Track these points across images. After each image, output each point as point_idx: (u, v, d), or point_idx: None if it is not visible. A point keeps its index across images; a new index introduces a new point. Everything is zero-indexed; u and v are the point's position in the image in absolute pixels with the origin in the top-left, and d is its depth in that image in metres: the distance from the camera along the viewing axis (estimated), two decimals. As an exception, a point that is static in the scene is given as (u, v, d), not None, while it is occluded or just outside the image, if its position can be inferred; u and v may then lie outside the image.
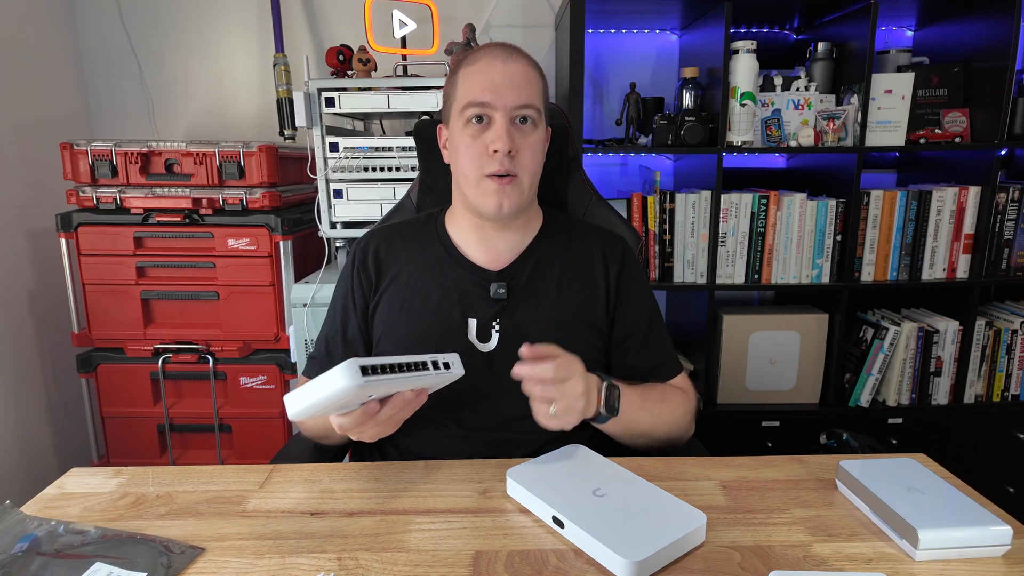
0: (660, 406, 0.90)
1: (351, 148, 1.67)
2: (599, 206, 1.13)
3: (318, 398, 0.65)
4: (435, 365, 0.72)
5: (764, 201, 1.75)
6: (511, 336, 0.90)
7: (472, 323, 0.91)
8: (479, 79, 0.86)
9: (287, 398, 0.68)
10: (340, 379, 0.62)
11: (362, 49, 1.69)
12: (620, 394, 0.83)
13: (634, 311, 0.97)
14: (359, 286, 0.95)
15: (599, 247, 0.98)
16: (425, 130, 1.09)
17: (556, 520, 0.65)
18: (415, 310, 0.92)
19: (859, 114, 1.68)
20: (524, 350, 0.76)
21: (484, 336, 0.91)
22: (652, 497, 0.68)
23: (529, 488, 0.70)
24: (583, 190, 1.14)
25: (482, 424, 0.90)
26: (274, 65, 1.85)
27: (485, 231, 0.94)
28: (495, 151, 0.85)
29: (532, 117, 0.87)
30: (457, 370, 0.75)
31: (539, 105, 0.88)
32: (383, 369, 0.65)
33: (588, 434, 0.95)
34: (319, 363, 0.98)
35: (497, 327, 0.91)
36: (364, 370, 0.63)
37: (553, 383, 0.75)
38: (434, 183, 1.11)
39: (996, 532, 0.61)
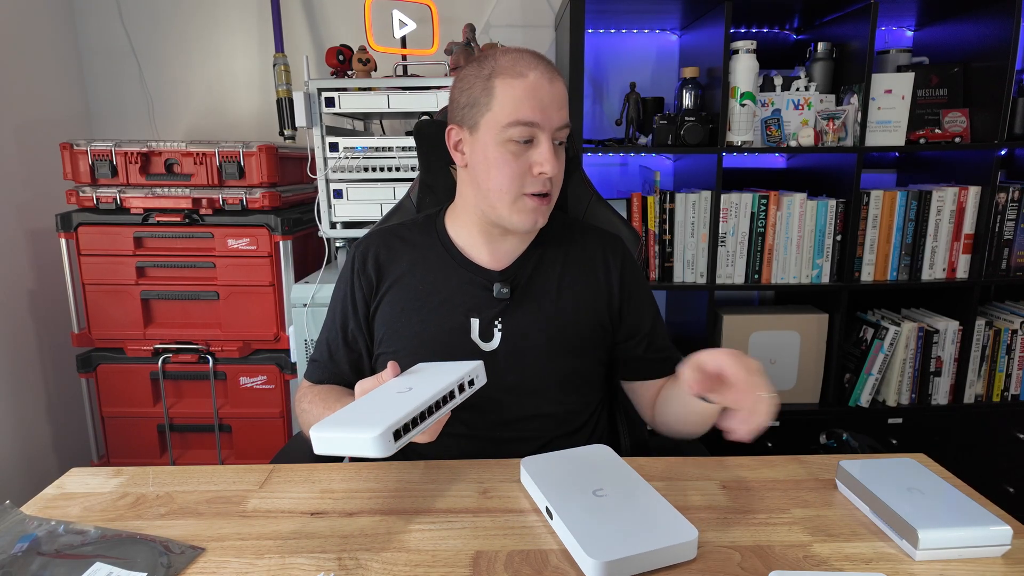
0: None
1: (351, 148, 1.67)
2: (599, 206, 1.13)
3: (348, 452, 0.64)
4: (461, 388, 0.71)
5: (764, 201, 1.75)
6: (513, 336, 0.91)
7: (475, 323, 0.91)
8: (528, 97, 0.83)
9: (314, 434, 0.65)
10: (374, 449, 0.61)
11: (362, 49, 1.69)
12: None
13: (639, 310, 0.98)
14: (359, 288, 0.95)
15: (600, 247, 0.98)
16: (425, 130, 1.08)
17: (548, 511, 0.66)
18: (417, 311, 0.92)
19: (859, 114, 1.68)
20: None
21: (487, 336, 0.91)
22: (649, 504, 0.67)
23: (535, 478, 0.71)
24: (583, 190, 1.14)
25: (485, 423, 0.90)
26: (274, 65, 1.85)
27: (492, 235, 0.94)
28: (540, 173, 0.85)
29: (564, 139, 0.89)
30: (481, 380, 0.74)
31: (570, 124, 0.89)
32: (414, 423, 0.65)
33: (587, 433, 0.95)
34: (321, 366, 0.98)
35: (500, 327, 0.91)
36: (397, 434, 0.62)
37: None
38: (434, 183, 1.11)
39: (996, 532, 0.61)
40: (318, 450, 0.66)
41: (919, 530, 0.60)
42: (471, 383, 0.72)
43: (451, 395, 0.70)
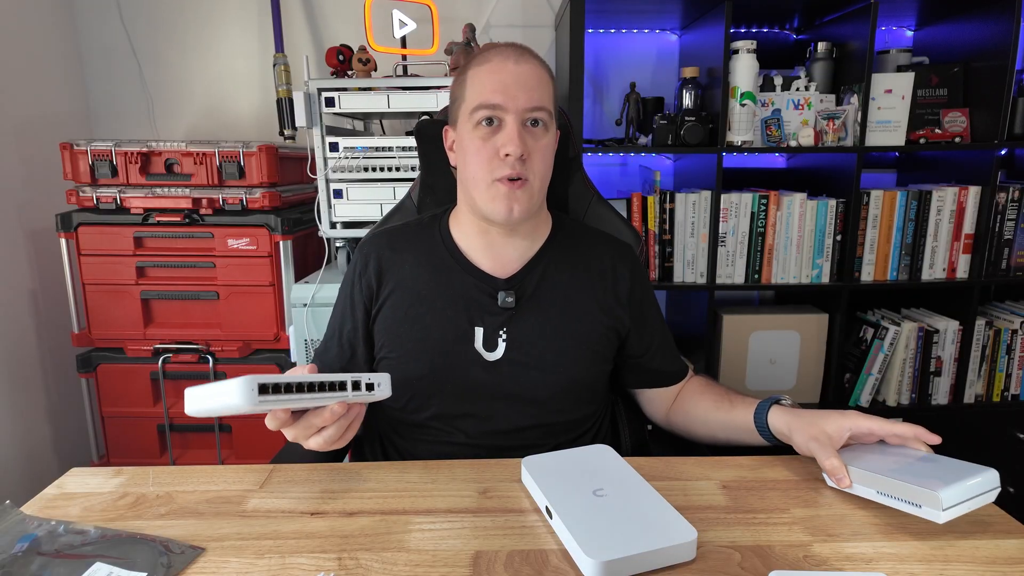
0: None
1: (351, 148, 1.67)
2: (600, 206, 1.13)
3: (214, 404, 0.65)
4: (356, 386, 0.69)
5: (764, 201, 1.75)
6: (518, 346, 0.89)
7: (479, 332, 0.89)
8: (490, 80, 0.83)
9: (188, 393, 0.67)
10: (235, 395, 0.62)
11: (362, 49, 1.69)
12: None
13: (651, 322, 0.97)
14: (360, 291, 0.94)
15: (609, 256, 0.96)
16: (426, 130, 1.08)
17: (548, 510, 0.66)
18: (420, 317, 0.90)
19: (859, 114, 1.68)
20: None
21: (490, 345, 0.89)
22: (649, 504, 0.66)
23: (535, 477, 0.71)
24: (584, 190, 1.14)
25: (485, 432, 0.89)
26: (274, 65, 1.85)
27: (491, 237, 0.92)
28: (506, 155, 0.82)
29: (543, 120, 0.85)
30: (384, 391, 0.72)
31: (550, 108, 0.86)
32: (282, 389, 0.65)
33: (589, 438, 0.95)
34: (318, 358, 1.00)
35: (504, 336, 0.89)
36: (263, 388, 0.63)
37: None
38: (435, 183, 1.11)
39: (990, 477, 0.65)
40: (189, 407, 0.67)
41: (939, 492, 0.61)
42: (369, 387, 0.70)
43: (340, 386, 0.69)
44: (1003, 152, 1.75)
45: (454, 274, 0.92)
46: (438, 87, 1.63)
